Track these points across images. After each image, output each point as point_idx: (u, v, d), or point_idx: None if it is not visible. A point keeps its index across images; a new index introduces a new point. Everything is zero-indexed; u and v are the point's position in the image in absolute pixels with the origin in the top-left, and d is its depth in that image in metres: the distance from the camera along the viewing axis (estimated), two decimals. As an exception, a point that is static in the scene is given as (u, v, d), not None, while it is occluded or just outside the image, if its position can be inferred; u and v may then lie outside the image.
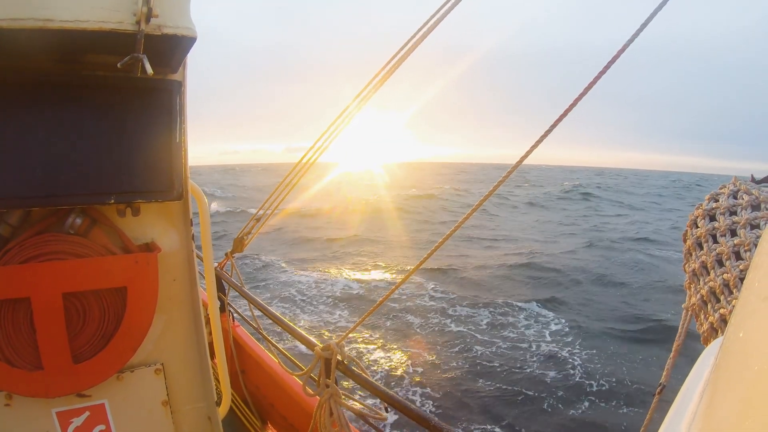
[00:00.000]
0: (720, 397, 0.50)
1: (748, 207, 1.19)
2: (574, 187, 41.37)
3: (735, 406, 0.45)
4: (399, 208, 38.03)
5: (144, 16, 1.74)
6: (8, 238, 2.24)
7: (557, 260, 19.78)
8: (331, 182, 37.06)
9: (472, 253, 21.67)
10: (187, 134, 2.43)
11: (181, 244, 2.67)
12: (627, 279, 17.34)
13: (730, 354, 0.52)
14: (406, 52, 2.57)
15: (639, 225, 32.00)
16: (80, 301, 2.35)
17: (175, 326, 2.71)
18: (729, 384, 0.48)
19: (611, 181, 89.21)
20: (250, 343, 4.54)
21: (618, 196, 56.27)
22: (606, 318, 13.32)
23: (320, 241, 24.84)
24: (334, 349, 2.49)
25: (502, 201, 44.05)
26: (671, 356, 1.37)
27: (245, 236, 4.33)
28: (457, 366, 10.36)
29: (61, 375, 2.32)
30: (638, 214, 39.16)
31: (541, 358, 10.74)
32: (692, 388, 0.72)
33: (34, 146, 2.11)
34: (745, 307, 0.53)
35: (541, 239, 26.05)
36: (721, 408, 0.48)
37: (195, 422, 2.84)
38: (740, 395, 0.44)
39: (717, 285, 1.15)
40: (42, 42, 1.82)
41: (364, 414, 2.49)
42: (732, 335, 0.53)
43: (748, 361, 0.45)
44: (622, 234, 27.48)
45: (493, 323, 12.87)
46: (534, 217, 36.21)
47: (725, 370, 0.52)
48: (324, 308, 14.39)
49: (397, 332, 12.25)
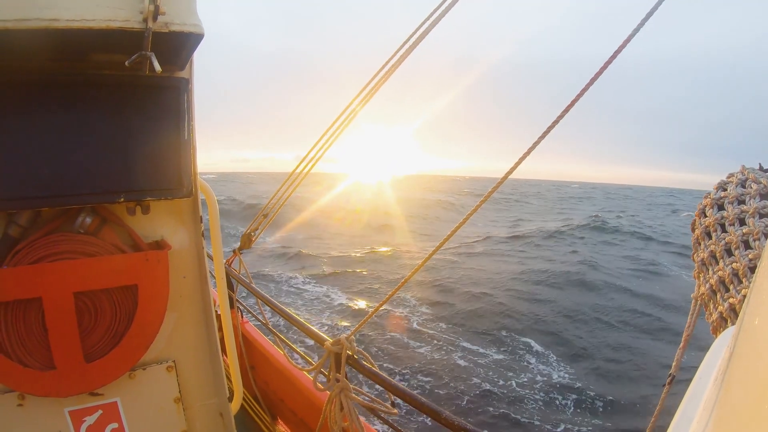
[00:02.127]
0: (737, 384, 0.50)
1: (756, 196, 1.18)
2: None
3: (753, 393, 0.45)
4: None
5: (151, 13, 1.73)
6: (18, 239, 2.25)
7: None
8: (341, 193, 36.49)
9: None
10: (195, 131, 2.43)
11: (190, 242, 2.67)
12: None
13: (745, 341, 0.53)
14: (405, 52, 2.57)
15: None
16: (91, 300, 2.36)
17: (186, 323, 2.72)
18: (746, 371, 0.49)
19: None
20: (259, 339, 4.56)
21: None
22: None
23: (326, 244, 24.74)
24: (345, 344, 2.51)
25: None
26: (681, 346, 1.37)
27: (253, 233, 4.35)
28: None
29: (74, 374, 2.33)
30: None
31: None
32: (705, 377, 0.72)
33: (42, 146, 2.12)
34: (759, 294, 0.53)
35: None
36: (738, 395, 0.49)
37: (207, 418, 2.86)
38: (758, 381, 0.44)
39: (726, 274, 1.15)
40: (48, 41, 1.82)
41: (375, 408, 2.50)
42: (747, 323, 0.53)
43: (764, 349, 0.45)
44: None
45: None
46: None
47: (741, 357, 0.52)
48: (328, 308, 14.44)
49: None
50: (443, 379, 9.59)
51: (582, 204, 71.71)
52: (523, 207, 62.59)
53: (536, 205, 65.75)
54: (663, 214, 54.71)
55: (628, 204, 77.23)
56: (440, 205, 53.34)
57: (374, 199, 50.84)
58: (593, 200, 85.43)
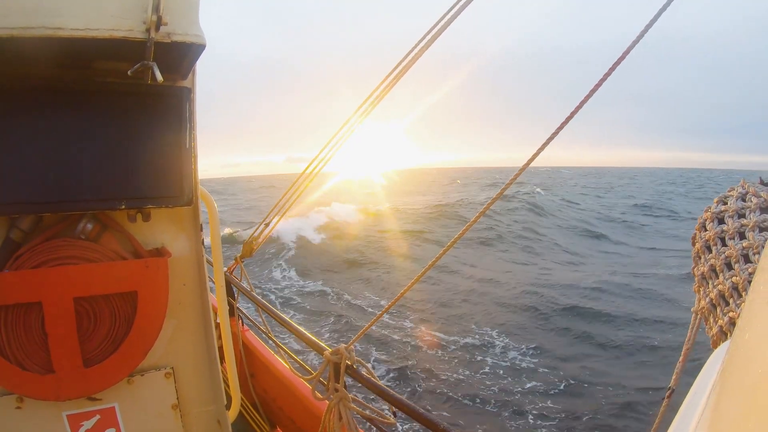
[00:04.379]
0: (726, 399, 0.50)
1: (756, 209, 1.18)
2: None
3: (740, 409, 0.45)
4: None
5: (154, 23, 1.76)
6: (20, 243, 2.27)
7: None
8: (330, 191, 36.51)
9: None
10: (197, 140, 2.45)
11: (191, 249, 2.68)
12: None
13: (735, 356, 0.52)
14: (406, 65, 2.59)
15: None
16: (91, 305, 2.37)
17: (185, 330, 2.72)
18: (734, 386, 0.48)
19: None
20: (259, 347, 4.56)
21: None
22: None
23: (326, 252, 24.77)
24: (344, 353, 2.50)
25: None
26: (680, 360, 1.36)
27: (254, 241, 4.35)
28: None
29: (72, 378, 2.33)
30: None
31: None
32: (700, 392, 0.71)
33: (45, 152, 2.14)
34: (750, 309, 0.53)
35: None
36: (727, 410, 0.48)
37: (205, 425, 2.85)
38: (745, 397, 0.44)
39: (726, 288, 1.14)
40: (53, 49, 1.84)
41: (373, 418, 2.49)
42: (738, 338, 0.53)
43: (752, 363, 0.45)
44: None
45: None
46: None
47: (731, 372, 0.52)
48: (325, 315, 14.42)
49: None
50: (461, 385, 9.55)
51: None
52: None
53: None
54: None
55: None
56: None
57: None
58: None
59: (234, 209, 50.26)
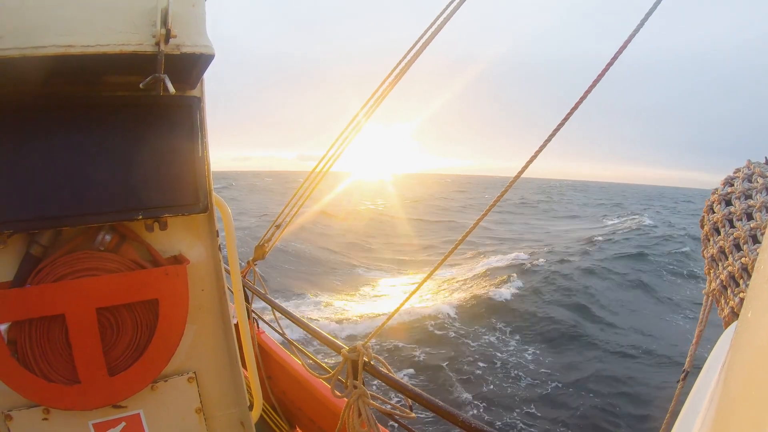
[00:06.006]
0: (734, 375, 0.52)
1: (763, 190, 1.19)
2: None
3: (748, 383, 0.46)
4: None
5: (163, 37, 1.79)
6: (40, 258, 2.30)
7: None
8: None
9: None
10: (208, 148, 2.48)
11: (208, 255, 2.72)
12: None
13: (741, 334, 0.54)
14: (411, 59, 2.62)
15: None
16: (113, 315, 2.40)
17: (206, 335, 2.76)
18: (741, 362, 0.50)
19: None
20: (275, 349, 4.60)
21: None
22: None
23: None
24: (361, 351, 2.53)
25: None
26: (693, 342, 1.38)
27: (266, 243, 4.38)
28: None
29: (97, 387, 2.37)
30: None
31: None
32: (712, 371, 0.73)
33: (61, 167, 2.18)
34: (754, 288, 0.55)
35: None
36: (736, 386, 0.50)
37: (228, 428, 2.88)
38: (750, 372, 0.46)
39: (735, 269, 1.16)
40: (65, 67, 1.87)
41: (393, 413, 2.51)
42: (743, 317, 0.55)
43: (756, 340, 0.47)
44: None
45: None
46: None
47: (738, 350, 0.54)
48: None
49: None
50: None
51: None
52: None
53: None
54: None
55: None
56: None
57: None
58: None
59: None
